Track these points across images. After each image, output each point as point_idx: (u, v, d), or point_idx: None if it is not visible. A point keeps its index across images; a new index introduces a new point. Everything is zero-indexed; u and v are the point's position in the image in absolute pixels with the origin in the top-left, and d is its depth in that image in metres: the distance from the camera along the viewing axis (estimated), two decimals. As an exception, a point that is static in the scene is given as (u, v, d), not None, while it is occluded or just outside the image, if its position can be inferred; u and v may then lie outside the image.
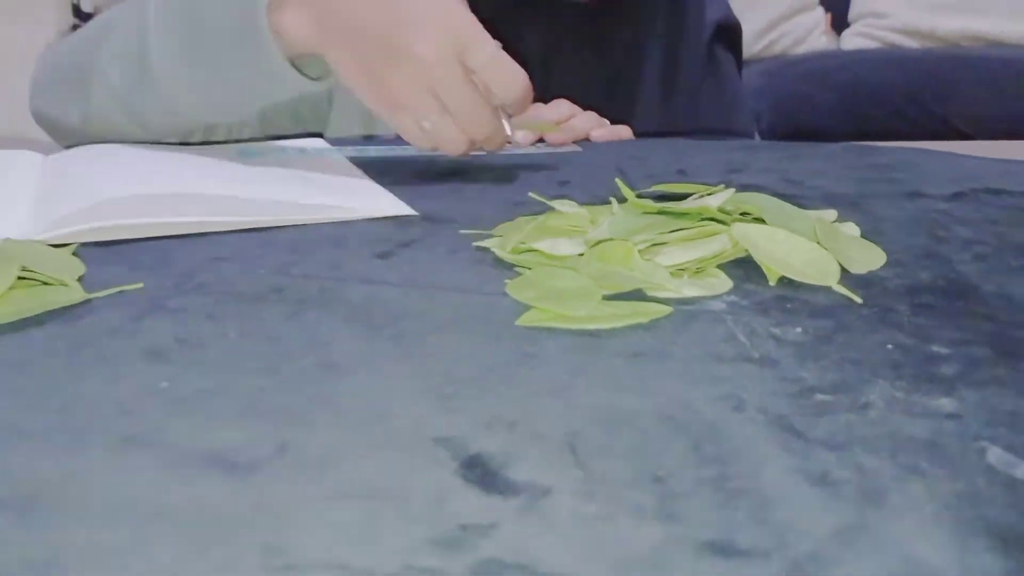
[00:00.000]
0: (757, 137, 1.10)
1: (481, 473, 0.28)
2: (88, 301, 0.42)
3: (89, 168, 0.65)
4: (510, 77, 0.61)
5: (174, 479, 0.28)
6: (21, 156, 0.70)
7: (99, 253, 0.49)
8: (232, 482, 0.28)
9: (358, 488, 0.28)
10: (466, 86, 0.60)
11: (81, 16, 1.33)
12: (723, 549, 0.25)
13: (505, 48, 0.61)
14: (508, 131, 0.64)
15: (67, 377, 0.35)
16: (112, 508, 0.27)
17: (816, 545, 0.25)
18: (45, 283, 0.44)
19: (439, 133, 0.61)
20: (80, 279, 0.45)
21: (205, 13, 0.64)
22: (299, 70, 0.63)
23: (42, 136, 0.81)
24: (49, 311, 0.41)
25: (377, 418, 0.32)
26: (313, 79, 0.64)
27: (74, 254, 0.49)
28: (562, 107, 0.84)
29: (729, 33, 1.01)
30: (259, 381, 0.35)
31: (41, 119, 0.80)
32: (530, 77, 0.62)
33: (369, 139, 0.84)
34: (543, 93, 0.82)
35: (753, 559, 0.24)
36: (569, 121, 0.82)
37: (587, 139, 0.84)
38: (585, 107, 0.85)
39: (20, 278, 0.43)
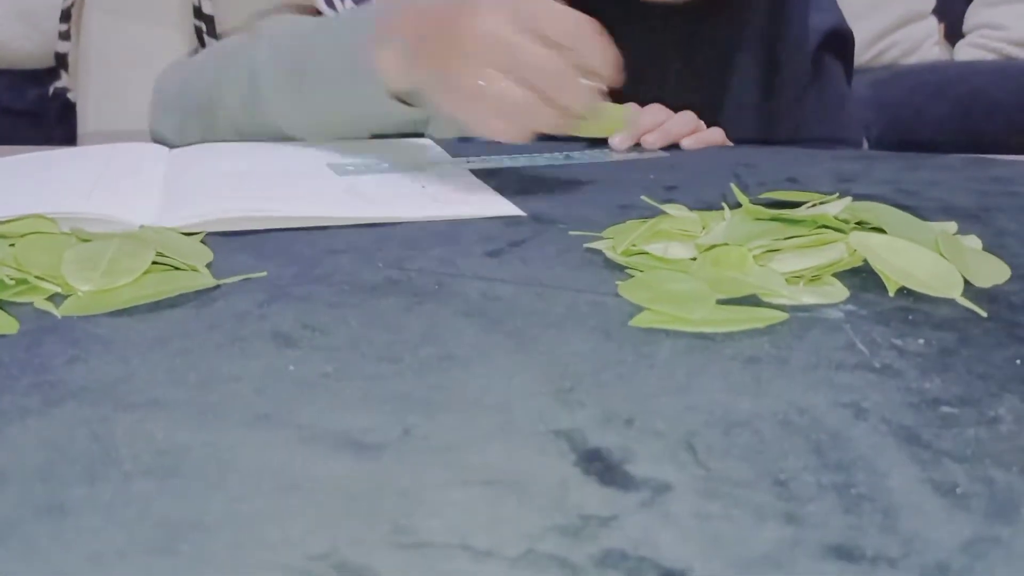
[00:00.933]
0: (865, 146, 1.08)
1: (601, 466, 0.29)
2: (217, 287, 0.44)
3: (217, 163, 0.67)
4: (569, 20, 0.57)
5: (306, 456, 0.29)
6: (149, 148, 0.74)
7: (225, 242, 0.52)
8: (360, 461, 0.29)
9: (481, 474, 0.28)
10: (519, 40, 0.56)
11: (203, 17, 1.38)
12: (848, 554, 0.24)
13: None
14: (590, 87, 0.59)
15: (202, 356, 0.37)
16: (248, 479, 0.28)
17: (945, 556, 0.24)
18: (177, 268, 0.46)
19: (494, 92, 0.57)
20: (209, 266, 0.47)
21: (313, 55, 0.70)
22: (402, 99, 0.67)
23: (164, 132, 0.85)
24: (182, 295, 0.43)
25: (497, 408, 0.32)
26: (415, 105, 0.69)
27: (202, 242, 0.51)
28: (657, 112, 0.83)
29: (840, 41, 0.99)
30: (381, 368, 0.36)
31: (159, 140, 0.85)
32: (622, 80, 0.62)
33: (465, 140, 0.85)
34: (635, 96, 0.82)
35: (879, 565, 0.24)
36: (664, 124, 0.82)
37: (677, 146, 0.83)
38: (677, 109, 0.85)
39: (154, 263, 0.46)
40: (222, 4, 1.40)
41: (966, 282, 0.44)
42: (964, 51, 2.03)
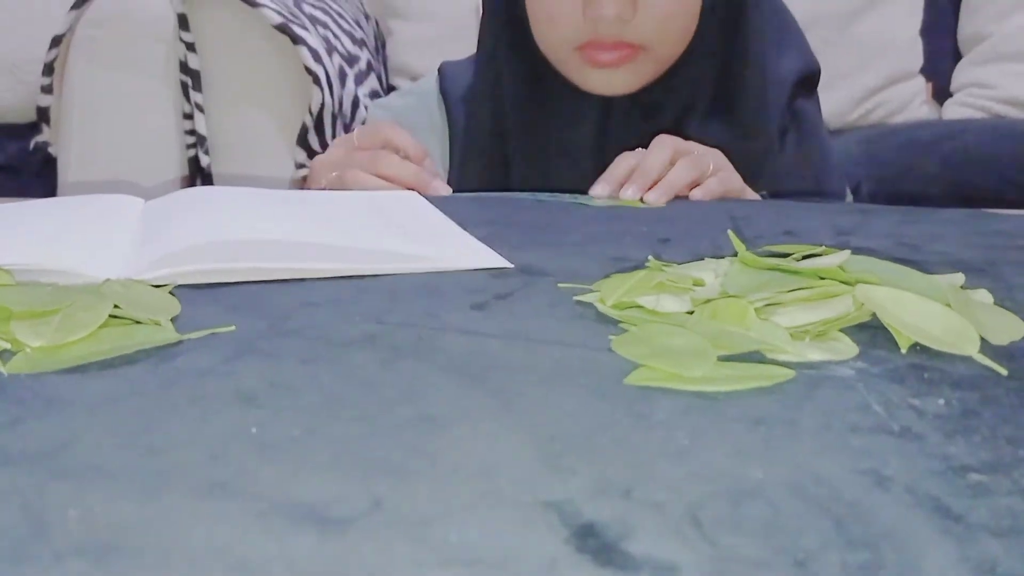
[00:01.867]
0: (850, 198, 1.06)
1: (596, 544, 0.25)
2: (180, 342, 0.41)
3: (189, 212, 0.65)
4: (374, 129, 0.84)
5: (261, 531, 0.26)
6: (123, 200, 0.71)
7: (193, 295, 0.49)
8: (323, 538, 0.25)
9: (460, 552, 0.25)
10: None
11: (188, 72, 1.37)
12: (883, 649, 0.21)
13: (560, 134, 0.77)
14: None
15: (155, 417, 0.33)
16: (194, 558, 0.24)
17: (995, 651, 0.21)
18: (138, 322, 0.43)
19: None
20: (174, 319, 0.44)
21: None
22: None
23: (142, 180, 0.82)
24: (142, 350, 0.40)
25: (479, 476, 0.29)
26: None
27: (170, 293, 0.48)
28: (664, 149, 0.81)
29: (811, 82, 0.98)
30: (353, 430, 0.32)
31: None
32: (585, 160, 0.85)
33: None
34: (599, 173, 0.81)
35: (920, 663, 0.21)
36: (666, 176, 0.80)
37: (686, 197, 0.81)
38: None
39: (114, 317, 0.43)
40: (208, 62, 1.39)
41: (981, 339, 0.41)
42: (952, 110, 2.04)
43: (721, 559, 0.25)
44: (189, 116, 1.34)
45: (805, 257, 0.52)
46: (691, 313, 0.45)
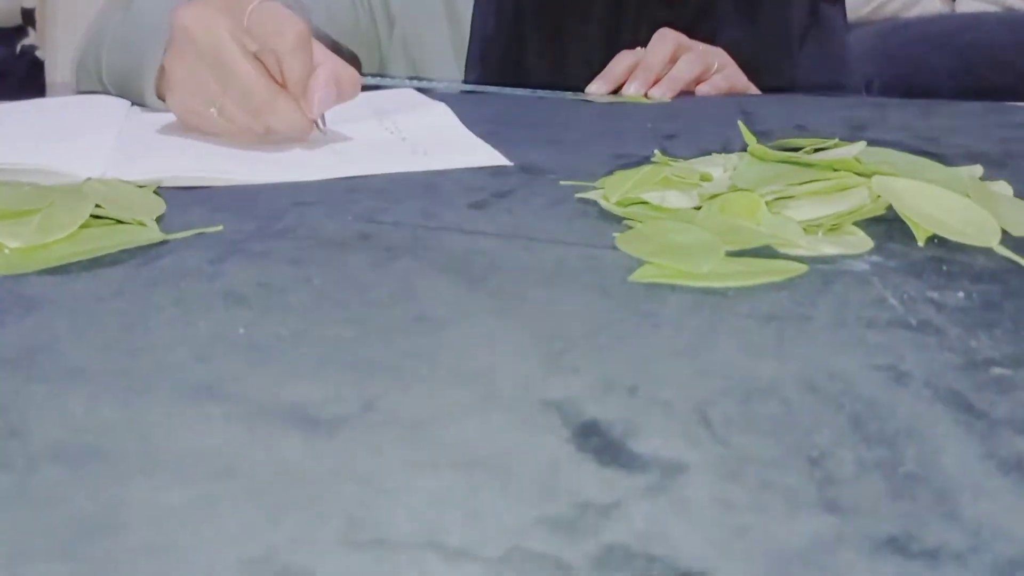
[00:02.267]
0: (864, 95, 1.03)
1: (599, 443, 0.24)
2: (165, 242, 0.40)
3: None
4: (279, 22, 0.53)
5: (248, 435, 0.25)
6: (109, 100, 0.68)
7: (180, 195, 0.47)
8: (313, 441, 0.24)
9: (456, 455, 0.24)
10: (231, 58, 0.52)
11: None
12: (903, 548, 0.20)
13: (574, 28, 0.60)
14: (312, 110, 0.54)
15: (138, 318, 0.32)
16: (179, 463, 0.23)
17: (1022, 548, 0.20)
18: (123, 222, 0.41)
19: (227, 117, 0.54)
20: (159, 219, 0.42)
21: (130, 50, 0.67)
22: None
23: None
24: (125, 251, 0.38)
25: (477, 376, 0.28)
26: None
27: (155, 193, 0.46)
28: (666, 44, 0.77)
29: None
30: (345, 331, 0.31)
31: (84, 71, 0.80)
32: (597, 53, 0.74)
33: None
34: (613, 50, 0.78)
35: (943, 561, 0.20)
36: (671, 72, 0.76)
37: (692, 93, 0.78)
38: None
39: (96, 217, 0.41)
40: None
41: (1002, 230, 0.40)
42: (965, 4, 1.98)
43: (732, 458, 0.23)
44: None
45: (818, 150, 0.50)
46: (699, 208, 0.43)
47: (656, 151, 0.51)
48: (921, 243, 0.39)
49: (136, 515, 0.21)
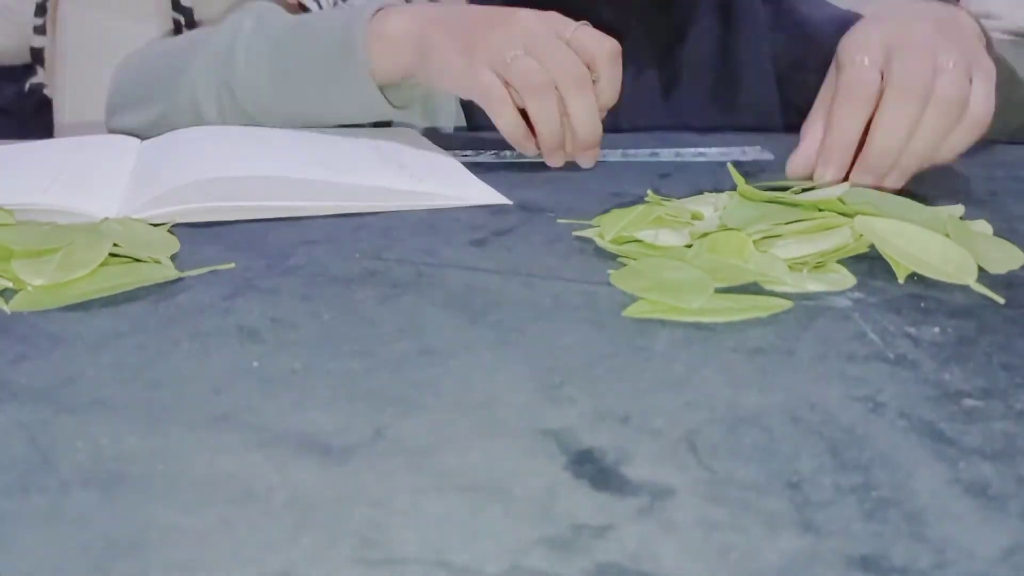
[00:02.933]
0: None
1: (593, 469, 0.26)
2: (181, 279, 0.41)
3: (187, 150, 0.64)
4: (599, 37, 0.59)
5: (265, 461, 0.26)
6: (120, 140, 0.70)
7: (193, 233, 0.49)
8: (326, 467, 0.26)
9: (460, 479, 0.25)
10: (556, 38, 0.58)
11: (181, 10, 1.35)
12: (874, 565, 0.22)
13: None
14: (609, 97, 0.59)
15: (157, 353, 0.34)
16: (199, 488, 0.25)
17: (983, 566, 0.22)
18: (139, 260, 0.43)
19: (518, 66, 0.56)
20: (174, 257, 0.44)
21: (303, 34, 0.66)
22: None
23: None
24: (142, 288, 0.40)
25: (479, 406, 0.30)
26: (396, 107, 0.66)
27: (169, 231, 0.48)
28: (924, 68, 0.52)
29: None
30: (354, 364, 0.33)
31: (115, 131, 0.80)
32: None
33: (430, 131, 0.81)
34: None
35: (910, 579, 0.21)
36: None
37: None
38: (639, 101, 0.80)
39: (114, 255, 0.43)
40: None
41: (979, 268, 0.42)
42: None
43: (716, 482, 0.25)
44: (184, 56, 1.32)
45: (805, 190, 0.52)
46: (690, 246, 0.45)
47: (649, 191, 0.53)
48: (901, 280, 0.41)
49: (161, 536, 0.23)
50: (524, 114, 0.58)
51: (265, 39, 0.67)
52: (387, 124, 0.78)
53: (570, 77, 0.57)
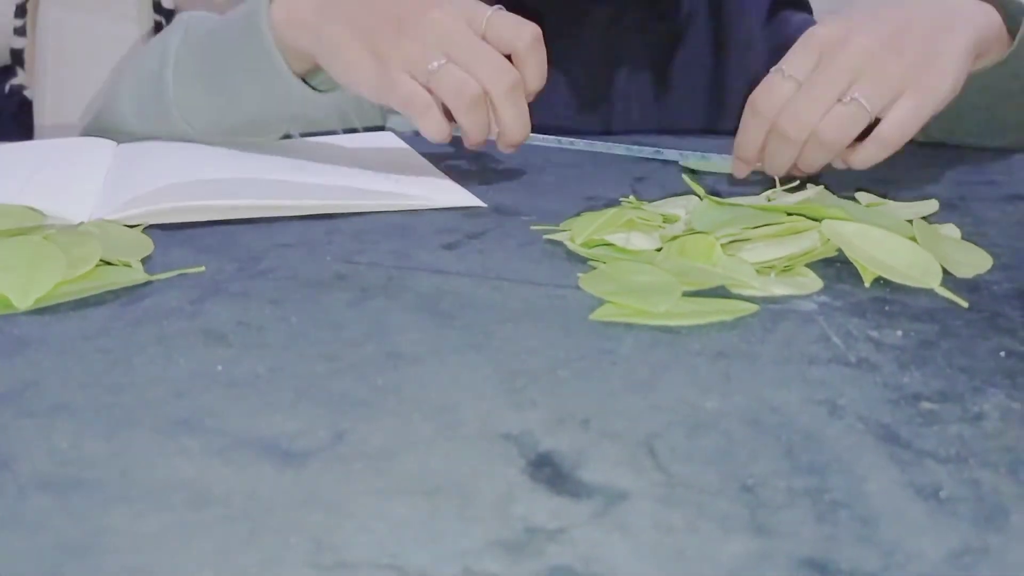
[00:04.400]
0: None
1: (551, 473, 0.26)
2: (149, 283, 0.41)
3: (161, 154, 0.64)
4: (516, 24, 0.56)
5: (223, 466, 0.26)
6: (95, 143, 0.70)
7: (165, 236, 0.49)
8: (284, 471, 0.26)
9: (418, 483, 0.26)
10: (479, 40, 0.54)
11: (163, 12, 1.34)
12: (822, 567, 0.22)
13: (570, 23, 0.58)
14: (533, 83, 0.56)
15: (122, 357, 0.34)
16: (156, 493, 0.25)
17: (930, 568, 0.22)
18: (108, 263, 0.43)
19: (446, 77, 0.53)
20: (145, 260, 0.44)
21: (217, 38, 0.64)
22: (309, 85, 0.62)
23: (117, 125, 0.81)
24: (110, 291, 0.40)
25: (441, 410, 0.30)
26: (321, 91, 0.63)
27: (143, 232, 0.48)
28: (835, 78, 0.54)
29: (792, 5, 0.95)
30: (318, 368, 0.33)
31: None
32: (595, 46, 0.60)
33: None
34: (589, 92, 0.78)
35: (858, 581, 0.21)
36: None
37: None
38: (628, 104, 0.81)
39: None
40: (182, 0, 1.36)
41: (945, 272, 0.42)
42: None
43: (671, 486, 0.25)
44: (165, 58, 1.32)
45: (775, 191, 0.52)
46: (660, 250, 0.45)
47: (631, 195, 0.53)
48: (867, 284, 0.41)
49: (117, 541, 0.23)
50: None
51: (190, 53, 0.65)
52: (380, 128, 0.77)
53: (500, 86, 0.54)
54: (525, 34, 0.55)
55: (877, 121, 0.53)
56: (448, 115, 0.56)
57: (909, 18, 0.55)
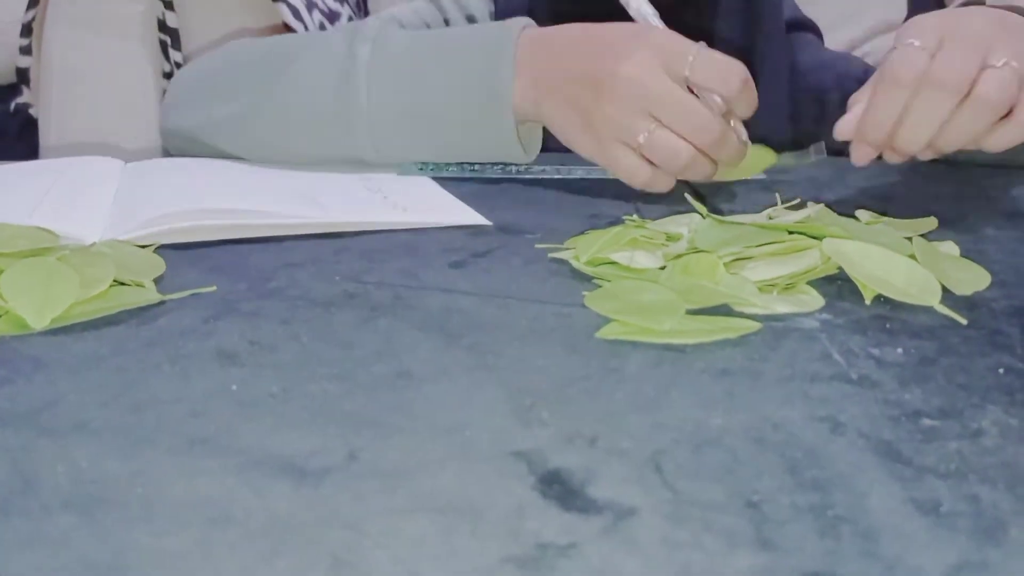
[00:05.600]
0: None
1: (561, 490, 0.27)
2: (162, 302, 0.42)
3: (170, 173, 0.65)
4: (723, 68, 0.53)
5: (241, 484, 0.27)
6: (104, 162, 0.71)
7: (176, 256, 0.49)
8: (301, 489, 0.27)
9: (431, 501, 0.26)
10: (679, 92, 0.53)
11: (167, 31, 1.36)
12: (827, 582, 0.23)
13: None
14: (743, 136, 0.56)
15: (137, 376, 0.34)
16: (178, 511, 0.26)
17: (931, 583, 0.23)
18: (122, 283, 0.44)
19: (657, 145, 0.53)
20: (157, 280, 0.45)
21: (434, 71, 0.62)
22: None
23: (124, 142, 0.81)
24: (124, 311, 0.41)
25: (452, 429, 0.30)
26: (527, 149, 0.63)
27: (155, 252, 0.49)
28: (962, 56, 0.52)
29: (803, 28, 0.96)
30: (331, 387, 0.34)
31: (175, 135, 0.74)
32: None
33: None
34: None
35: (861, 595, 0.22)
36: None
37: None
38: None
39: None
40: (186, 19, 1.38)
41: (945, 289, 0.43)
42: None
43: (678, 502, 0.26)
44: (169, 75, 1.33)
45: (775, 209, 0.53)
46: (663, 268, 0.46)
47: (633, 214, 0.54)
48: (868, 302, 0.42)
49: (139, 558, 0.24)
50: None
51: (388, 68, 0.62)
52: None
53: (709, 140, 0.53)
54: (733, 80, 0.53)
55: None
56: None
57: (999, 14, 0.54)
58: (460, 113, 0.61)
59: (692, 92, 0.54)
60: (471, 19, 0.80)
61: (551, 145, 0.62)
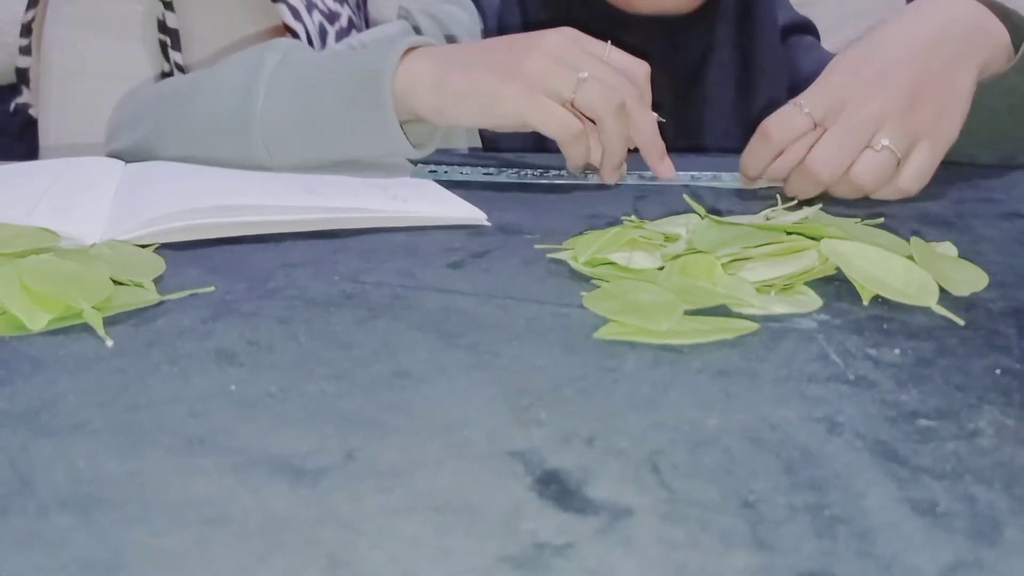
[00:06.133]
0: None
1: (557, 490, 0.27)
2: (162, 303, 0.42)
3: (169, 174, 0.65)
4: (633, 59, 0.60)
5: (239, 484, 0.27)
6: (104, 162, 0.71)
7: (175, 256, 0.49)
8: (298, 489, 0.27)
9: (428, 500, 0.26)
10: (603, 61, 0.59)
11: (167, 31, 1.36)
12: (822, 582, 0.23)
13: None
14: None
15: (136, 376, 0.34)
16: (175, 511, 0.26)
17: (927, 582, 0.23)
18: (121, 283, 0.44)
19: (591, 91, 0.57)
20: (156, 280, 0.45)
21: (326, 74, 0.63)
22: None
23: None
24: (123, 311, 0.41)
25: (449, 429, 0.30)
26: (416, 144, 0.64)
27: (155, 252, 0.49)
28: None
29: (803, 30, 0.96)
30: (328, 387, 0.34)
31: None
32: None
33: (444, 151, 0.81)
34: None
35: (856, 595, 0.22)
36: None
37: None
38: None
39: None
40: (186, 20, 1.38)
41: (942, 290, 0.43)
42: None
43: (675, 502, 0.26)
44: (168, 75, 1.33)
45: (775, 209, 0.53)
46: (662, 268, 0.46)
47: (632, 215, 0.54)
48: (866, 302, 0.42)
49: (136, 558, 0.24)
50: None
51: (289, 77, 0.64)
52: None
53: (634, 96, 0.59)
54: (643, 66, 0.61)
55: None
56: None
57: (927, 59, 0.58)
58: (340, 97, 0.62)
59: None
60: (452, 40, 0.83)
61: (551, 146, 0.63)
